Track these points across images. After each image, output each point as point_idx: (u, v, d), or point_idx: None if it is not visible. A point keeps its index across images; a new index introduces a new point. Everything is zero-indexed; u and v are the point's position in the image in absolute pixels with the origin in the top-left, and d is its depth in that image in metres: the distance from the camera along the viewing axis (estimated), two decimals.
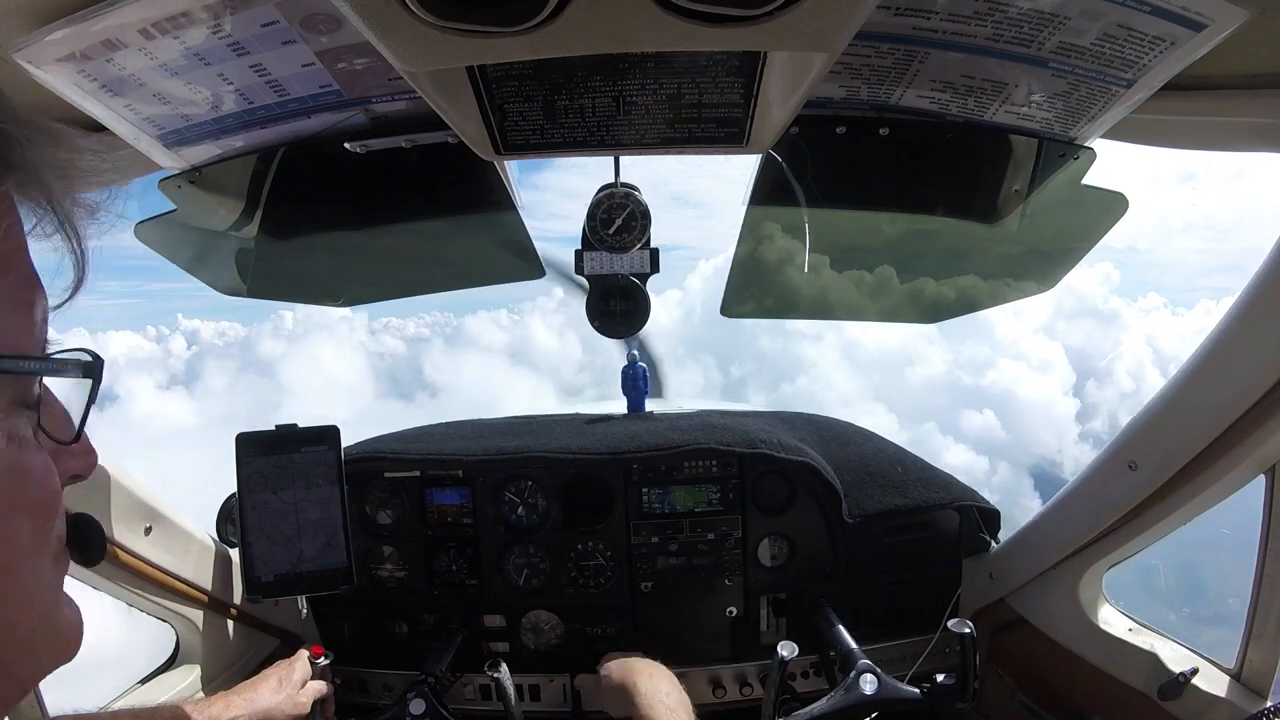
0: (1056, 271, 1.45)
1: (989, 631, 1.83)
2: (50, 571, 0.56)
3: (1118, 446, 1.39)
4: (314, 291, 1.75)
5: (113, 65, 0.89)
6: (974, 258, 1.50)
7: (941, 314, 1.58)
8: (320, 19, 0.88)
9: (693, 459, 1.88)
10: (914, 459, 2.01)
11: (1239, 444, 1.18)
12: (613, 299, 1.37)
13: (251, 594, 1.57)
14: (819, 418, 2.22)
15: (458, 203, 1.45)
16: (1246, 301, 1.10)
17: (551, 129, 0.97)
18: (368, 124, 1.17)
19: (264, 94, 1.04)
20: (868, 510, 1.84)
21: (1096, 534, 1.48)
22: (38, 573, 0.53)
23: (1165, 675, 1.39)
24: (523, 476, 1.90)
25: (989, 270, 1.51)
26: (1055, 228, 1.37)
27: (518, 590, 1.91)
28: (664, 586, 1.90)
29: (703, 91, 0.90)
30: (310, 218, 1.45)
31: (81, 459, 0.59)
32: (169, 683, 1.56)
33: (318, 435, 1.60)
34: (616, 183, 1.28)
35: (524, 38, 0.63)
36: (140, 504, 1.42)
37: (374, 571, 1.92)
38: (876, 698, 1.51)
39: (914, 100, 1.08)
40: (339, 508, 1.59)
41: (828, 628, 1.77)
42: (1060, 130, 1.09)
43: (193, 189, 1.23)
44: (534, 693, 1.91)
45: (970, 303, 1.56)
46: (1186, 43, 0.84)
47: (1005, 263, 1.50)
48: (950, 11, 0.87)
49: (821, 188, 1.31)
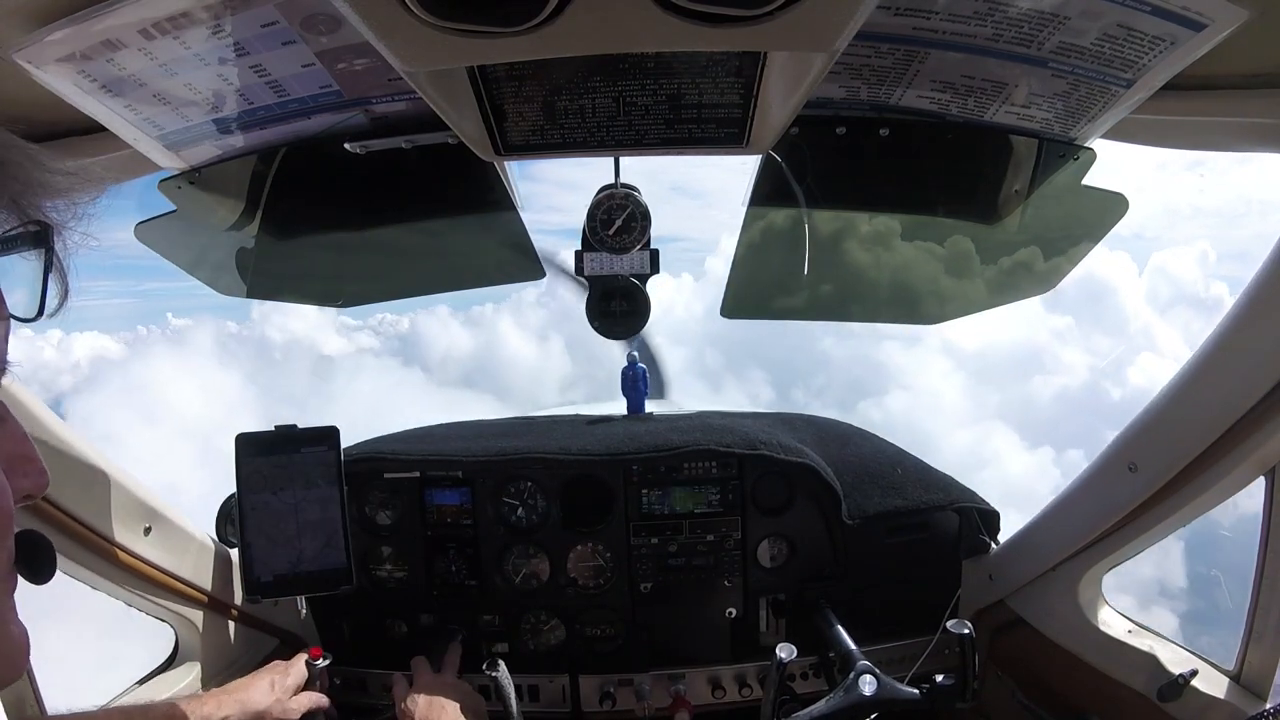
0: (1057, 271, 1.45)
1: (988, 632, 1.83)
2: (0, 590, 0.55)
3: (1118, 448, 1.39)
4: (314, 292, 1.75)
5: (113, 65, 0.89)
6: (974, 258, 1.50)
7: (942, 314, 1.58)
8: (320, 19, 0.88)
9: (692, 460, 1.88)
10: (913, 460, 2.01)
11: (1239, 445, 1.18)
12: (613, 300, 1.37)
13: (251, 594, 1.57)
14: (819, 419, 2.22)
15: (457, 203, 1.45)
16: (1246, 302, 1.10)
17: (551, 129, 0.97)
18: (368, 124, 1.17)
19: (264, 94, 1.04)
20: (867, 511, 1.83)
21: (1096, 535, 1.48)
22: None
23: (1165, 677, 1.39)
24: (522, 477, 1.90)
25: (989, 270, 1.51)
26: (1055, 228, 1.37)
27: (517, 590, 1.91)
28: (663, 587, 1.90)
29: (703, 92, 0.90)
30: (310, 218, 1.45)
31: (34, 478, 0.58)
32: (168, 683, 1.56)
33: (317, 435, 1.59)
34: (616, 183, 1.28)
35: (524, 38, 0.63)
36: (140, 504, 1.42)
37: (374, 572, 1.92)
38: (876, 698, 1.50)
39: (914, 100, 1.08)
40: (339, 508, 1.59)
41: (827, 628, 1.76)
42: (1060, 130, 1.09)
43: (193, 189, 1.23)
44: (533, 693, 1.91)
45: (971, 303, 1.56)
46: (1186, 43, 0.84)
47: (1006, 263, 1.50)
48: (950, 11, 0.87)
49: (822, 188, 1.31)
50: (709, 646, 1.93)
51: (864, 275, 1.54)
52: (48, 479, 0.60)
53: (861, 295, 1.59)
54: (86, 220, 0.57)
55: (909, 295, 1.59)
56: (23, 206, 0.52)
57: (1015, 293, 1.51)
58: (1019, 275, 1.50)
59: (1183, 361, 1.23)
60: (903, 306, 1.63)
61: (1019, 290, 1.50)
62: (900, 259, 1.51)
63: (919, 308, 1.60)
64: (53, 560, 0.62)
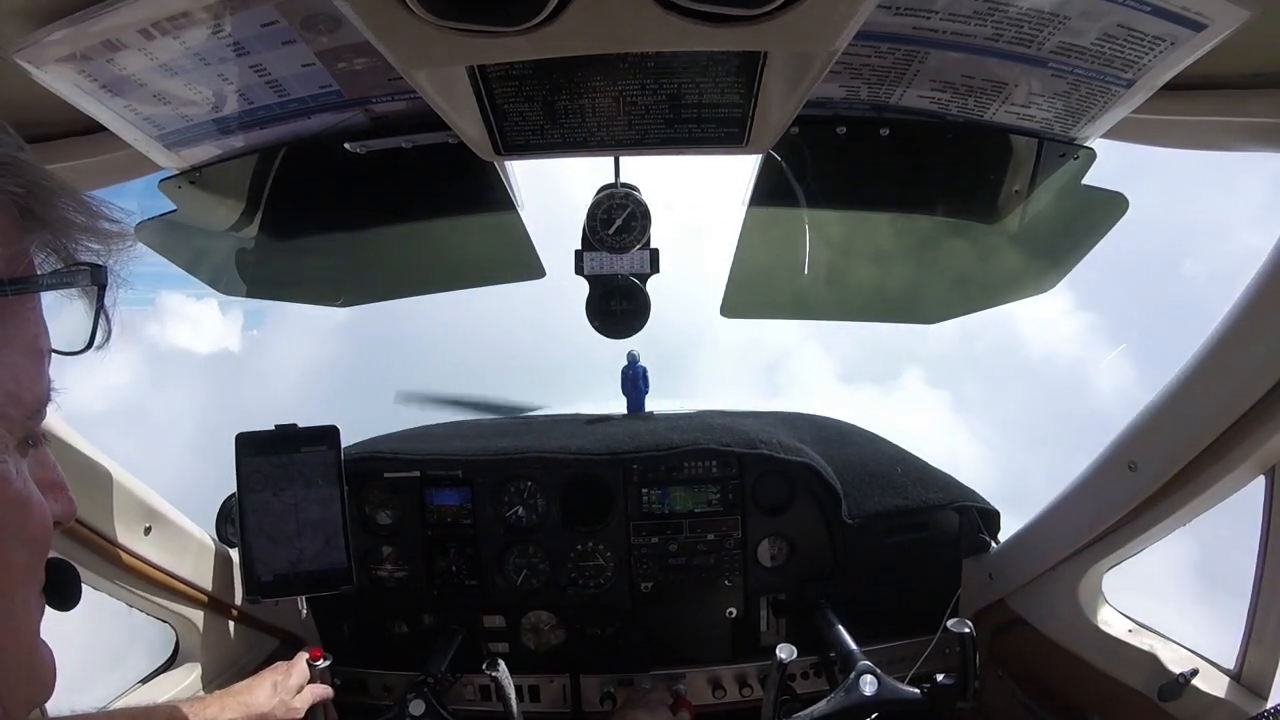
0: (1057, 271, 1.45)
1: (989, 632, 1.83)
2: (36, 608, 0.57)
3: (1118, 447, 1.39)
4: (314, 292, 1.75)
5: (113, 65, 0.89)
6: (974, 258, 1.50)
7: (942, 314, 1.58)
8: (320, 19, 0.88)
9: (692, 459, 1.88)
10: (914, 459, 2.01)
11: (1239, 444, 1.18)
12: (613, 299, 1.37)
13: (251, 594, 1.57)
14: (819, 418, 2.22)
15: (458, 203, 1.45)
16: (1246, 301, 1.10)
17: (551, 129, 0.97)
18: (368, 124, 1.17)
19: (264, 94, 1.04)
20: (867, 511, 1.83)
21: (1096, 534, 1.48)
22: (27, 606, 0.55)
23: (1165, 676, 1.39)
24: (522, 477, 1.90)
25: (989, 270, 1.51)
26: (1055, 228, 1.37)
27: (517, 590, 1.91)
28: (664, 587, 1.90)
29: (703, 92, 0.90)
30: (310, 218, 1.45)
31: (64, 505, 0.61)
32: (169, 683, 1.56)
33: (317, 435, 1.59)
34: (616, 183, 1.28)
35: (524, 38, 0.63)
36: (140, 504, 1.42)
37: (374, 572, 1.92)
38: (877, 698, 1.51)
39: (914, 100, 1.08)
40: (339, 508, 1.59)
41: (827, 628, 1.77)
42: (1060, 130, 1.09)
43: (193, 189, 1.23)
44: (534, 693, 1.91)
45: (971, 303, 1.56)
46: (1186, 43, 0.84)
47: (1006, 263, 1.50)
48: (950, 11, 0.87)
49: (822, 188, 1.31)
50: (709, 646, 1.93)
51: (864, 275, 1.54)
52: (75, 507, 0.63)
53: (861, 295, 1.59)
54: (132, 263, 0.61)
55: (909, 295, 1.59)
56: (69, 246, 0.56)
57: (1015, 293, 1.51)
58: (1019, 275, 1.50)
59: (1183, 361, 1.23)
60: (902, 306, 1.63)
61: (1019, 290, 1.50)
62: (900, 259, 1.51)
63: (919, 307, 1.60)
64: (78, 589, 0.64)
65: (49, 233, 0.54)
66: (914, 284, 1.56)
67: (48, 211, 0.53)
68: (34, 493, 0.54)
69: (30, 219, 0.52)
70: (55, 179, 0.54)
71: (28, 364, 0.53)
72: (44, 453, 0.59)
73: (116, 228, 0.58)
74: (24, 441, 0.55)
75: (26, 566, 0.54)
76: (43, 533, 0.55)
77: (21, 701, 0.57)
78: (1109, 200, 1.25)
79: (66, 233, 0.55)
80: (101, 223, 0.57)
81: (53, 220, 0.54)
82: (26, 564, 0.54)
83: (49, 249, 0.55)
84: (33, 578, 0.56)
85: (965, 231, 1.42)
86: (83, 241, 0.57)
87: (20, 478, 0.53)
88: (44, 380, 0.55)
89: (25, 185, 0.51)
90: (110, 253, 0.58)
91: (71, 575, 0.63)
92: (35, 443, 0.57)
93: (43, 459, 0.59)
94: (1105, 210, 1.28)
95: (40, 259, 0.55)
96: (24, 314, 0.53)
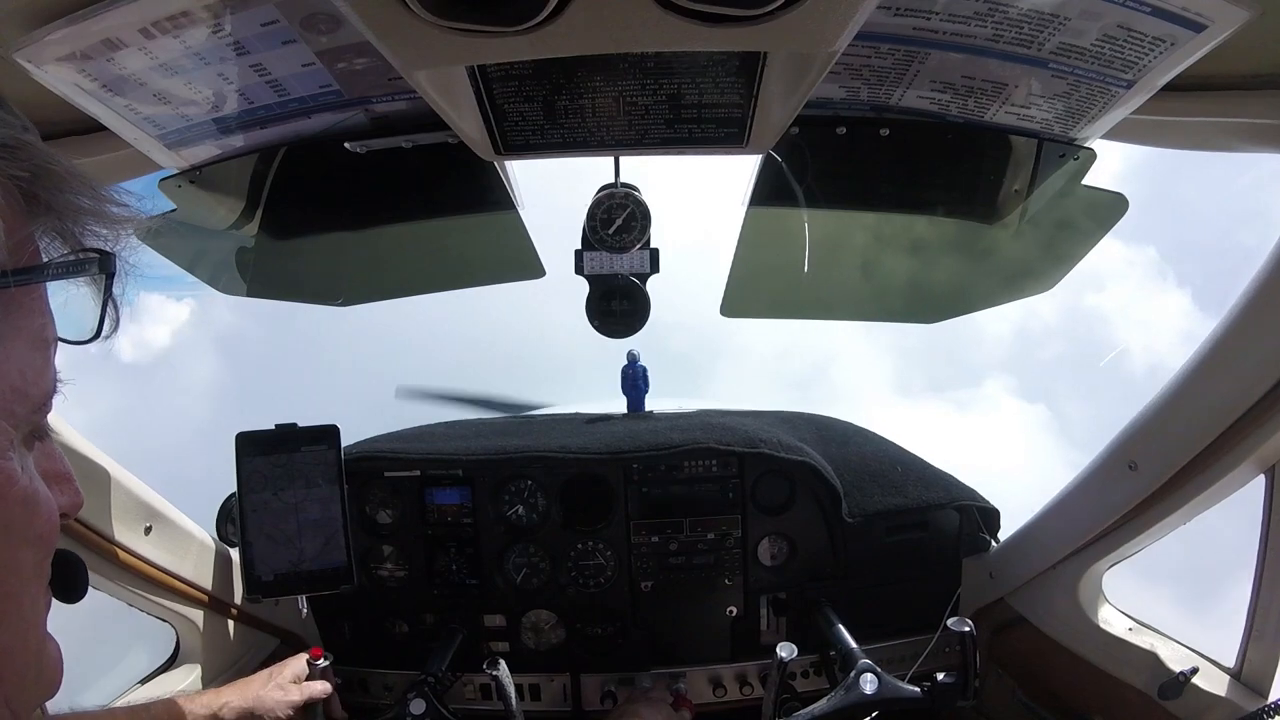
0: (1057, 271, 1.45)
1: (989, 631, 1.83)
2: (43, 604, 0.57)
3: (1118, 446, 1.39)
4: (314, 291, 1.75)
5: (113, 65, 0.89)
6: (974, 258, 1.50)
7: (942, 314, 1.58)
8: (320, 19, 0.88)
9: (693, 459, 1.88)
10: (914, 459, 2.01)
11: (1239, 444, 1.18)
12: (613, 299, 1.37)
13: (251, 594, 1.57)
14: (819, 417, 2.22)
15: (458, 202, 1.45)
16: (1246, 301, 1.10)
17: (551, 129, 0.97)
18: (368, 124, 1.16)
19: (264, 94, 1.03)
20: (867, 510, 1.84)
21: (1096, 534, 1.48)
22: (35, 604, 0.54)
23: (1165, 674, 1.39)
24: (522, 476, 1.90)
25: (990, 270, 1.51)
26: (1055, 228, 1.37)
27: (517, 590, 1.92)
28: (664, 586, 1.90)
29: (703, 92, 0.90)
30: (310, 217, 1.45)
31: (71, 497, 0.60)
32: (169, 683, 1.56)
33: (318, 435, 1.60)
34: (616, 183, 1.28)
35: (524, 38, 0.63)
36: (140, 504, 1.42)
37: (374, 571, 1.92)
38: (877, 697, 1.51)
39: (914, 101, 1.08)
40: (339, 507, 1.59)
41: (828, 627, 1.77)
42: (1060, 131, 1.09)
43: (193, 189, 1.23)
44: (534, 692, 1.91)
45: (971, 303, 1.56)
46: (1186, 43, 0.84)
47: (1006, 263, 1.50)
48: (950, 12, 0.87)
49: (822, 188, 1.31)
50: (710, 645, 1.93)
51: (864, 274, 1.54)
52: (83, 498, 0.62)
53: (861, 294, 1.59)
54: (138, 250, 0.59)
55: (909, 295, 1.59)
56: (75, 232, 0.54)
57: (1015, 292, 1.51)
58: (1019, 275, 1.50)
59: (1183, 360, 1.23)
60: (902, 306, 1.63)
61: (1019, 290, 1.51)
62: (900, 258, 1.51)
63: (919, 307, 1.60)
64: (85, 581, 0.64)
65: (55, 218, 0.53)
66: (914, 284, 1.56)
67: (54, 196, 0.51)
68: (41, 490, 0.53)
69: (35, 204, 0.51)
70: (62, 161, 0.52)
71: (34, 357, 0.52)
72: (50, 444, 0.58)
73: (126, 212, 0.57)
74: (30, 436, 0.53)
75: (34, 565, 0.53)
76: (50, 530, 0.54)
77: (29, 700, 0.56)
78: (1109, 201, 1.25)
79: (74, 218, 0.53)
80: (109, 207, 0.55)
81: (59, 205, 0.52)
82: (34, 562, 0.53)
83: (55, 234, 0.54)
84: (40, 575, 0.55)
85: (965, 232, 1.42)
86: (90, 227, 0.55)
87: (27, 474, 0.52)
88: (50, 372, 0.54)
89: (31, 169, 0.49)
90: (118, 239, 0.57)
91: (77, 567, 0.62)
92: (41, 436, 0.55)
93: (49, 450, 0.57)
94: (1105, 210, 1.28)
95: (45, 244, 0.53)
96: (30, 303, 0.52)
